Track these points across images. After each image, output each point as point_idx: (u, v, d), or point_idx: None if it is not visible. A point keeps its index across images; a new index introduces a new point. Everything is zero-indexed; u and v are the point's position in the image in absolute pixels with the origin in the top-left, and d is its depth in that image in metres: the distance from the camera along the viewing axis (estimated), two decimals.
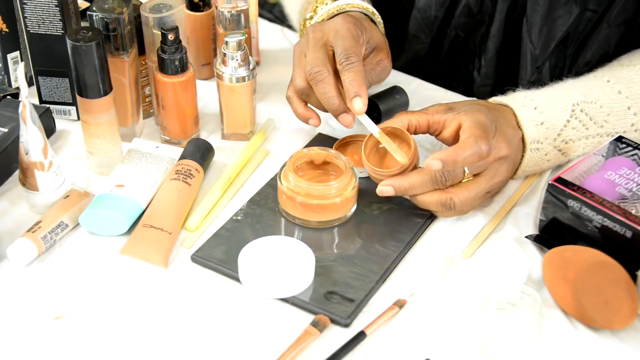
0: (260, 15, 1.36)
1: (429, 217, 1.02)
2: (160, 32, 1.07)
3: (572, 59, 1.16)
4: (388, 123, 1.01)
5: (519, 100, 1.03)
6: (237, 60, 1.09)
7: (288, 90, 1.08)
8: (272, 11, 1.45)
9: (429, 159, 0.93)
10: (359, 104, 1.00)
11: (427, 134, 1.03)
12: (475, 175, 0.98)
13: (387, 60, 1.09)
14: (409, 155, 0.98)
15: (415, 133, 1.01)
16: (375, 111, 1.17)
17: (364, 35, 1.05)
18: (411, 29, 1.25)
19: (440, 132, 1.00)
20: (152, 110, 1.18)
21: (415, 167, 0.99)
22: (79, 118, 1.13)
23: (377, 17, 1.13)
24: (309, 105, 1.08)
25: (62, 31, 1.11)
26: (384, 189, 0.97)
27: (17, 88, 1.20)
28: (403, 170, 0.97)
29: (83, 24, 1.17)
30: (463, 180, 0.98)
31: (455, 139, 0.99)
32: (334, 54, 1.03)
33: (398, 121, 1.00)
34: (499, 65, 1.21)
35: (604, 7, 1.11)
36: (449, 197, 0.97)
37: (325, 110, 1.05)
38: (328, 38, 1.04)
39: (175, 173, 1.04)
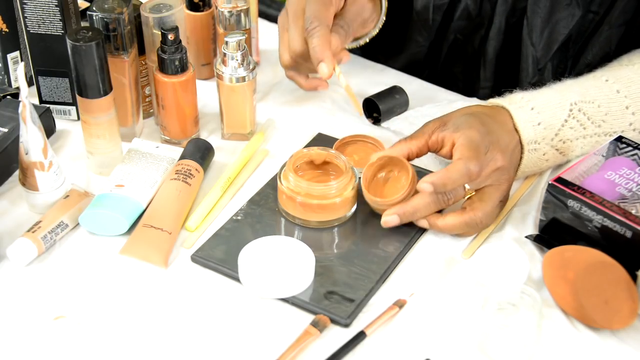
0: (265, 14, 1.36)
1: None
2: (160, 32, 1.07)
3: (573, 60, 1.16)
4: (387, 152, 1.01)
5: (516, 102, 1.03)
6: (237, 60, 1.09)
7: (285, 72, 1.14)
8: (281, 9, 1.44)
9: (420, 182, 0.95)
10: (324, 69, 1.06)
11: None
12: (479, 190, 0.98)
13: None
14: (407, 184, 0.98)
15: (418, 157, 1.01)
16: (376, 111, 1.17)
17: None
18: (410, 32, 1.25)
19: (440, 149, 1.01)
20: (152, 110, 1.18)
21: (415, 193, 0.99)
22: (79, 118, 1.13)
23: None
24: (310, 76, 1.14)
25: (62, 31, 1.11)
26: (389, 219, 0.97)
27: (17, 88, 1.20)
28: (404, 198, 0.97)
29: (83, 24, 1.17)
30: (466, 197, 0.98)
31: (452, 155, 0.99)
32: None
33: (398, 150, 1.00)
34: (498, 68, 1.21)
35: (605, 9, 1.11)
36: (471, 215, 0.97)
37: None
38: (302, 7, 1.08)
39: (175, 173, 1.04)
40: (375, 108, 1.16)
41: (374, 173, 1.02)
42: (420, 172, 1.07)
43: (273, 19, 1.39)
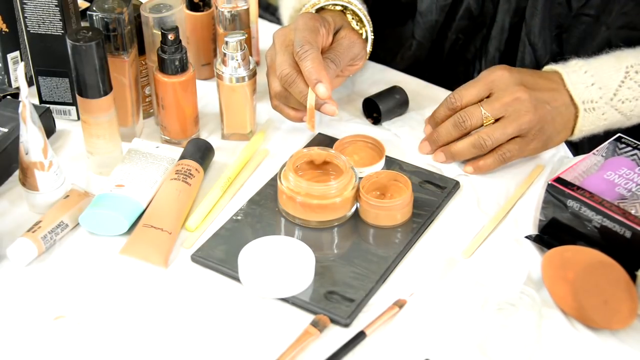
0: (262, 17, 1.36)
1: (429, 217, 1.02)
2: (160, 32, 1.07)
3: None
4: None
5: (569, 66, 1.08)
6: (237, 60, 1.09)
7: (272, 101, 1.12)
8: (276, 14, 1.45)
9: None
10: (323, 89, 1.04)
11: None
12: (497, 119, 1.06)
13: (352, 34, 1.11)
14: (407, 192, 1.00)
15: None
16: (376, 111, 1.17)
17: (323, 27, 1.08)
18: (413, 33, 1.25)
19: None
20: (152, 110, 1.18)
21: (410, 204, 1.01)
22: (79, 118, 1.13)
23: (355, 6, 1.15)
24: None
25: (62, 31, 1.11)
26: (422, 146, 1.11)
27: (17, 88, 1.20)
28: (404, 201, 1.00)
29: (83, 24, 1.17)
30: (485, 124, 1.06)
31: None
32: None
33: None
34: None
35: (600, 10, 1.11)
36: (476, 136, 1.05)
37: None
38: (290, 38, 1.07)
39: (175, 173, 1.04)
40: (375, 108, 1.16)
41: (373, 182, 1.03)
42: (423, 172, 1.08)
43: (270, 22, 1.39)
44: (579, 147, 1.18)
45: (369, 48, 1.17)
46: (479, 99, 1.07)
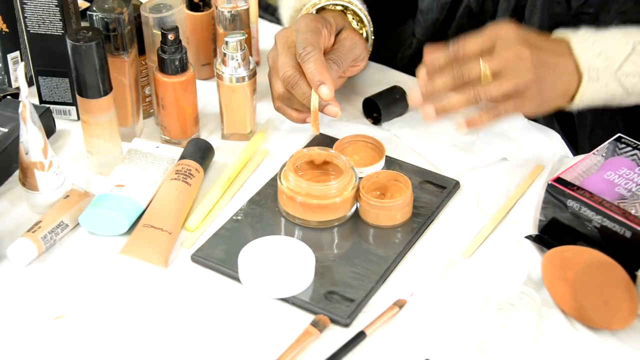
0: (262, 17, 1.36)
1: (429, 217, 1.02)
2: (160, 32, 1.07)
3: None
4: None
5: (579, 35, 1.06)
6: (237, 60, 1.09)
7: (274, 103, 1.12)
8: (275, 14, 1.45)
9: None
10: (326, 91, 1.04)
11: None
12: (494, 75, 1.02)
13: (354, 35, 1.11)
14: (407, 192, 1.00)
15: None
16: (376, 111, 1.17)
17: (325, 28, 1.08)
18: (413, 32, 1.25)
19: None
20: (152, 110, 1.18)
21: (410, 204, 1.01)
22: (79, 118, 1.13)
23: (356, 6, 1.15)
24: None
25: (62, 31, 1.11)
26: (413, 96, 1.04)
27: (17, 88, 1.20)
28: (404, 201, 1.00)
29: (83, 24, 1.17)
30: (483, 82, 1.01)
31: None
32: None
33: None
34: None
35: (599, 9, 1.11)
36: (471, 91, 1.01)
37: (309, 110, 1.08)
38: (292, 39, 1.07)
39: (175, 173, 1.04)
40: (375, 108, 1.16)
41: (374, 182, 1.03)
42: (423, 172, 1.08)
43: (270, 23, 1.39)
44: (579, 147, 1.18)
45: (369, 48, 1.17)
46: (481, 50, 1.03)
